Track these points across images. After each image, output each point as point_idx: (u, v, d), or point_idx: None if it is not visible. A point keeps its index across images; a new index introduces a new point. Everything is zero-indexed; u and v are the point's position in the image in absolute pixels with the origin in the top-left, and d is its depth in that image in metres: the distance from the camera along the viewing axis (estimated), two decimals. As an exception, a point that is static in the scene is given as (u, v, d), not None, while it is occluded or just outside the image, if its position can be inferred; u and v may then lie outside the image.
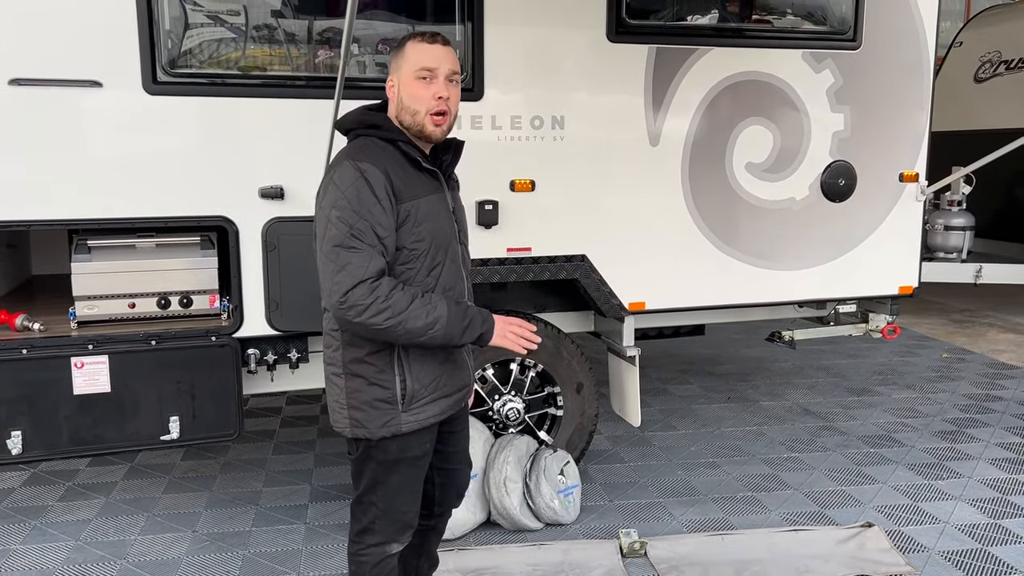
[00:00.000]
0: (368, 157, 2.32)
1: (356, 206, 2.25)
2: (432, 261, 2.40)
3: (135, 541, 3.83)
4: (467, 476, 2.85)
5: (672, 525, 4.04)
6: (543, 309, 4.49)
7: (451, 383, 2.54)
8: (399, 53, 2.42)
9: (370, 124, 2.41)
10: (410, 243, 2.35)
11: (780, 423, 5.46)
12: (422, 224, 2.37)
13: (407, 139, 2.41)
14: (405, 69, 2.39)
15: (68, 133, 3.33)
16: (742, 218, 4.32)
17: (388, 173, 2.30)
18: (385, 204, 2.28)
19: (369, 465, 2.51)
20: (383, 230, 2.28)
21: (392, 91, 2.42)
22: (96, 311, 3.59)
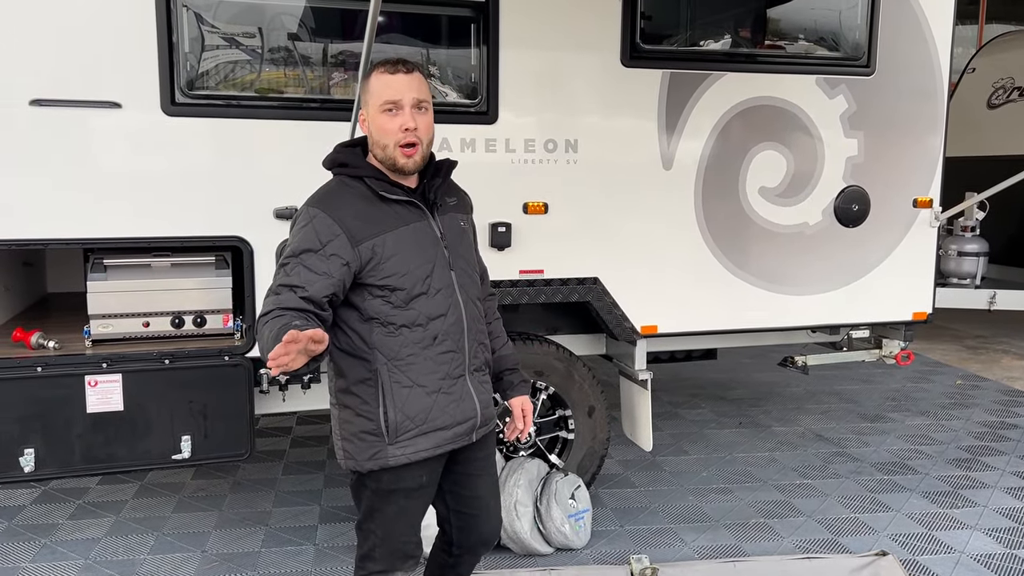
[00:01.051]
0: (323, 202, 2.33)
1: (302, 243, 2.28)
2: (410, 293, 2.34)
3: (144, 560, 3.82)
4: (492, 526, 2.69)
5: (683, 551, 4.00)
6: (555, 331, 4.48)
7: (446, 416, 2.42)
8: (365, 86, 2.39)
9: (340, 163, 2.42)
10: (379, 279, 2.31)
11: (792, 449, 5.42)
12: (390, 259, 2.31)
13: (377, 174, 2.38)
14: (372, 103, 2.36)
15: (87, 153, 3.37)
16: (755, 242, 4.31)
17: (342, 218, 2.28)
18: (329, 250, 2.25)
19: (364, 493, 2.47)
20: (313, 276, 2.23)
21: (364, 125, 2.40)
22: (111, 330, 3.61)
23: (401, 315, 2.34)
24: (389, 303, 2.33)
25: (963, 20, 12.78)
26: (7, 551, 3.88)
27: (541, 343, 4.15)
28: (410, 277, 2.34)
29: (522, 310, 4.37)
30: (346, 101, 3.58)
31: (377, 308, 2.33)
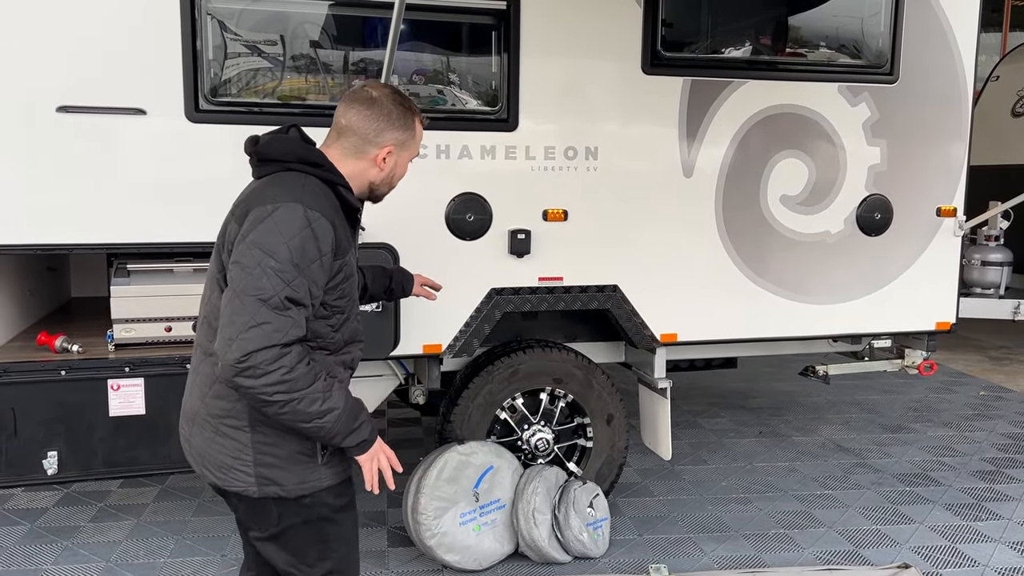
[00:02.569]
0: (317, 204, 2.09)
1: (298, 259, 2.03)
2: (347, 317, 2.26)
3: (164, 564, 3.84)
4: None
5: (702, 561, 3.97)
6: (574, 339, 4.47)
7: None
8: (411, 132, 2.31)
9: (312, 161, 2.17)
10: (333, 300, 2.18)
11: (813, 459, 5.37)
12: (347, 280, 2.22)
13: (349, 187, 2.23)
14: (411, 149, 2.34)
15: (111, 159, 3.40)
16: (776, 251, 4.29)
17: (335, 227, 2.12)
18: (326, 261, 2.09)
19: (298, 528, 2.22)
20: (317, 290, 2.08)
21: (383, 160, 2.26)
22: (133, 334, 3.64)
23: (335, 338, 2.23)
24: (330, 326, 2.20)
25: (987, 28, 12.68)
26: (30, 553, 3.91)
27: (560, 351, 4.14)
28: (351, 300, 2.27)
29: (541, 317, 4.37)
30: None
31: (319, 329, 2.17)
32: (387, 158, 2.28)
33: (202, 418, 2.22)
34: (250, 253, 2.02)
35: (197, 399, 2.24)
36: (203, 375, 2.22)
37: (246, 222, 2.07)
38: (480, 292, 3.90)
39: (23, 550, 3.94)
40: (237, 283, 2.01)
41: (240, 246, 2.04)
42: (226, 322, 2.00)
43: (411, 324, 3.81)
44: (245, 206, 2.13)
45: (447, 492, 3.72)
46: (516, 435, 4.15)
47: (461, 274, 3.86)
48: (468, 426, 4.00)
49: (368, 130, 2.24)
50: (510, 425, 4.14)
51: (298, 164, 2.17)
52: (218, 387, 2.17)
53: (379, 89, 2.29)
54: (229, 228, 2.16)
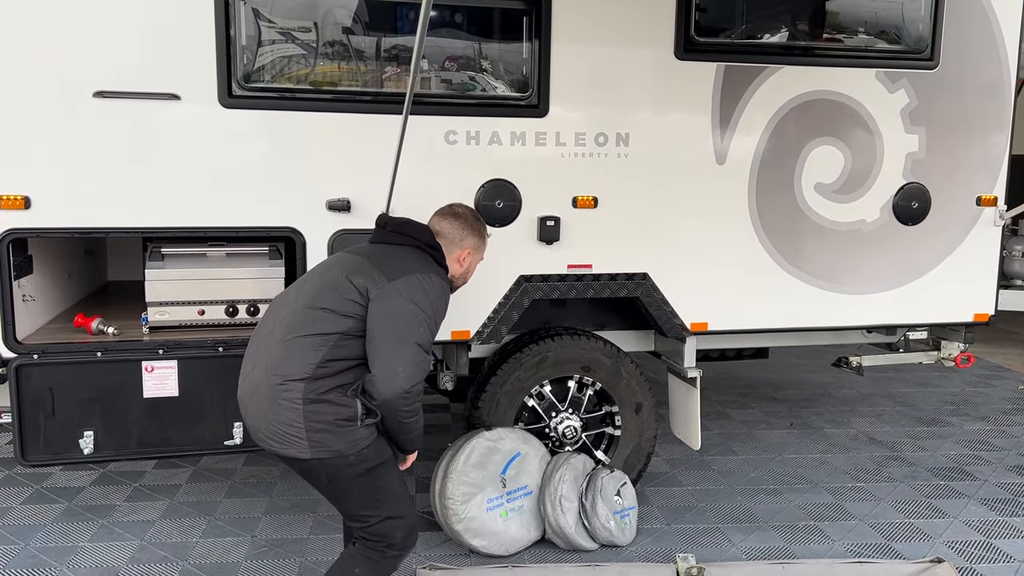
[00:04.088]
0: (445, 277, 2.92)
1: (437, 316, 2.80)
2: None
3: (196, 543, 3.90)
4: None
5: (731, 552, 3.95)
6: (603, 327, 4.46)
7: None
8: (482, 240, 3.14)
9: (436, 247, 2.96)
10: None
11: (845, 451, 5.31)
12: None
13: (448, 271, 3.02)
14: (481, 253, 3.16)
15: (146, 144, 3.45)
16: (810, 239, 4.23)
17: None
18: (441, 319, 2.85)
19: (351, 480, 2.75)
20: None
21: (461, 260, 3.07)
22: (167, 317, 3.70)
23: None
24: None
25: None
26: (67, 530, 4.00)
27: (588, 338, 4.12)
28: None
29: (570, 305, 4.36)
30: (399, 94, 3.60)
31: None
32: (466, 258, 3.08)
33: (262, 392, 2.71)
34: (408, 308, 2.70)
35: (261, 374, 2.72)
36: (273, 356, 2.71)
37: (400, 280, 2.73)
38: (509, 279, 3.89)
39: (60, 527, 4.03)
40: (398, 329, 2.67)
41: (398, 299, 2.70)
42: (392, 358, 2.65)
43: (440, 310, 3.82)
44: (390, 264, 2.79)
45: (474, 478, 3.73)
46: (544, 422, 4.14)
47: (490, 261, 3.82)
48: (496, 413, 4.00)
49: (455, 235, 3.03)
50: (538, 412, 4.14)
51: (427, 247, 2.93)
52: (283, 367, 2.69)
53: (462, 208, 3.14)
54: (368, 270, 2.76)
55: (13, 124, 3.31)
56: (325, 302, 2.74)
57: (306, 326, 2.71)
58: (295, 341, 2.70)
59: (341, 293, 2.74)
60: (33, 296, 3.70)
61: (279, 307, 2.89)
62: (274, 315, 2.87)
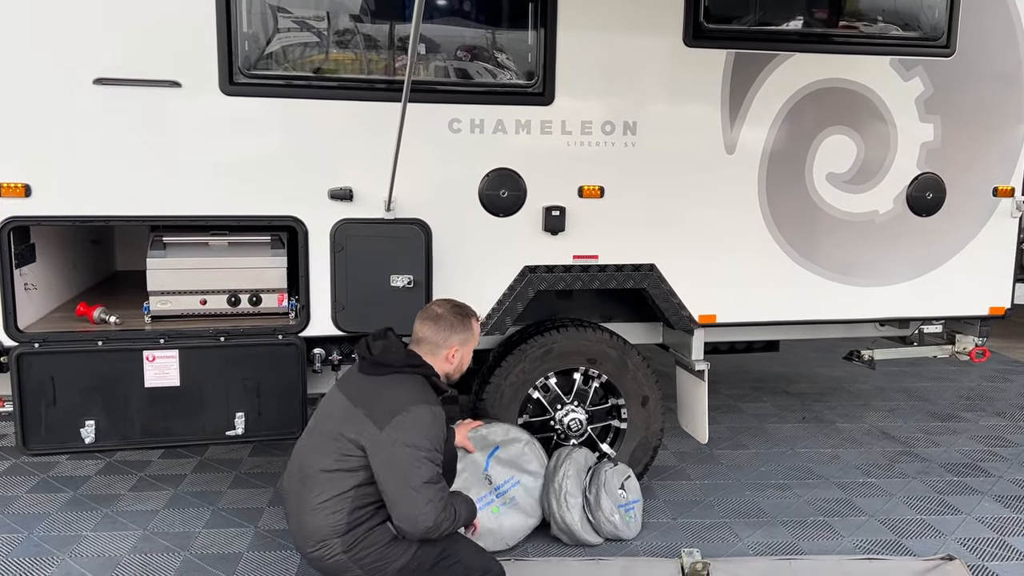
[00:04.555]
0: (431, 397, 2.95)
1: (436, 443, 2.86)
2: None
3: (199, 534, 3.89)
4: None
5: (738, 547, 3.89)
6: (610, 319, 4.40)
7: None
8: (469, 332, 3.15)
9: (415, 364, 3.01)
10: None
11: (856, 446, 5.23)
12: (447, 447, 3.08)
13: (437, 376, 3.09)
14: (471, 344, 3.18)
15: (147, 131, 3.42)
16: (822, 230, 4.15)
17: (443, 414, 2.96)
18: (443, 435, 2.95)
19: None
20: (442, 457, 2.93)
21: (450, 359, 3.10)
22: (169, 306, 3.68)
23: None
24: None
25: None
26: (71, 519, 4.00)
27: (594, 330, 4.07)
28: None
29: (576, 296, 4.31)
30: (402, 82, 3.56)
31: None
32: (455, 355, 3.12)
33: (313, 556, 2.92)
34: (404, 452, 2.78)
35: (302, 540, 2.94)
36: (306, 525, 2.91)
37: (389, 427, 2.80)
38: (513, 270, 3.85)
39: (64, 516, 4.03)
40: (403, 476, 2.77)
41: (392, 448, 2.78)
42: (407, 506, 2.77)
43: (444, 301, 3.78)
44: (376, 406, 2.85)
45: (456, 483, 3.66)
46: (549, 415, 4.10)
47: (494, 251, 3.81)
48: (500, 405, 3.96)
49: (437, 338, 3.07)
50: (543, 404, 4.09)
51: (407, 368, 2.98)
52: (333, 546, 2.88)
53: (442, 306, 3.15)
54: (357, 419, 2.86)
55: (13, 111, 3.30)
56: (330, 463, 2.87)
57: (325, 488, 2.86)
58: (320, 507, 2.85)
59: (341, 450, 2.87)
60: (35, 285, 3.69)
61: (298, 456, 3.05)
62: (296, 470, 3.03)
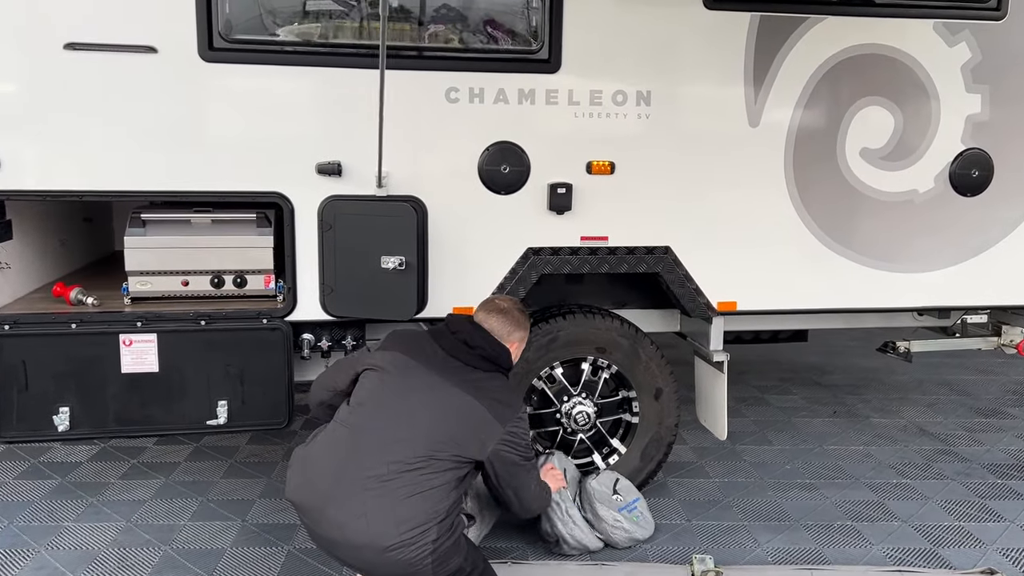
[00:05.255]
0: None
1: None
2: None
3: (184, 527, 3.71)
4: None
5: (755, 553, 3.60)
6: (624, 305, 4.12)
7: None
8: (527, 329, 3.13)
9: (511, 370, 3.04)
10: None
11: (892, 444, 4.88)
12: None
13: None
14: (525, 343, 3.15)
15: (121, 101, 3.20)
16: (855, 212, 3.81)
17: None
18: None
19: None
20: None
21: (515, 349, 3.05)
22: (149, 287, 3.48)
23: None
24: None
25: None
26: (55, 508, 3.84)
27: (604, 317, 3.79)
28: None
29: (588, 281, 4.03)
30: (392, 47, 3.30)
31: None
32: (515, 351, 3.04)
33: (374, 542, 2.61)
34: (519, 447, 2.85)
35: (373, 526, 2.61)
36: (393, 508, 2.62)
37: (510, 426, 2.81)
38: (515, 252, 3.57)
39: (48, 505, 3.87)
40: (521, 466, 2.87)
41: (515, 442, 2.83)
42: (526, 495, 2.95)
43: (440, 284, 3.53)
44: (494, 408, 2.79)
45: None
46: (554, 407, 3.83)
47: (495, 232, 3.54)
48: (502, 395, 3.70)
49: (503, 332, 3.00)
50: (548, 396, 3.83)
51: (507, 371, 3.00)
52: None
53: (505, 301, 3.12)
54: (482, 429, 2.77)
55: (-22, 79, 3.10)
56: (442, 448, 2.70)
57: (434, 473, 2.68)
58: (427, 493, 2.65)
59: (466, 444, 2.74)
60: (9, 264, 3.52)
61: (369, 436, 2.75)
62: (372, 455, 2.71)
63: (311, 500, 2.70)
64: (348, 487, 2.65)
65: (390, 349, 2.94)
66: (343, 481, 2.66)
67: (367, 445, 2.71)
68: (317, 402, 3.05)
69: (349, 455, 2.70)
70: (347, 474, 2.67)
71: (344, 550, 2.67)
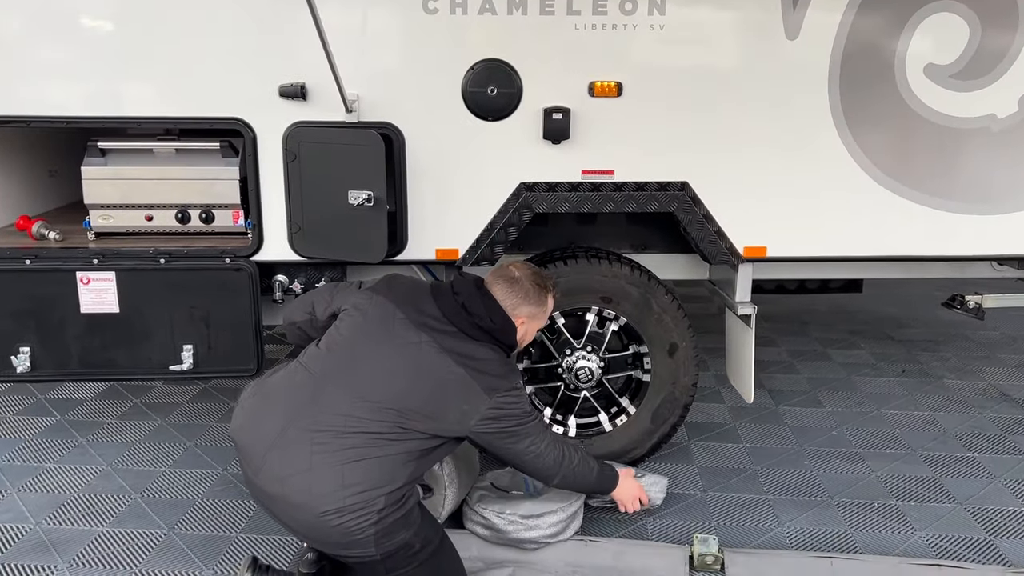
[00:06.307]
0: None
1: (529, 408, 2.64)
2: None
3: (162, 474, 3.55)
4: None
5: (773, 534, 3.16)
6: (643, 248, 3.66)
7: None
8: (543, 307, 2.74)
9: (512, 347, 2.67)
10: None
11: (963, 410, 4.28)
12: None
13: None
14: (539, 321, 2.77)
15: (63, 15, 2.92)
16: (916, 141, 3.22)
17: None
18: None
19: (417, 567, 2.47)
20: None
21: (522, 326, 2.68)
22: (112, 222, 3.26)
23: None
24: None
25: None
26: (42, 448, 3.75)
27: (611, 263, 3.34)
28: None
29: (601, 221, 3.59)
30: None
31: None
32: (520, 327, 2.67)
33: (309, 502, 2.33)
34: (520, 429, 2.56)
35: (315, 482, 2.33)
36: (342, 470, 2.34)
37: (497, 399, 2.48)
38: (506, 188, 3.16)
39: (37, 444, 3.79)
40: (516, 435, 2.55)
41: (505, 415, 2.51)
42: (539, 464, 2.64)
43: (422, 224, 3.17)
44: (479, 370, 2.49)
45: None
46: (555, 361, 3.45)
47: (482, 164, 3.14)
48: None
49: (507, 303, 2.64)
50: (547, 350, 3.44)
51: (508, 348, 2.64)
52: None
53: (520, 269, 2.73)
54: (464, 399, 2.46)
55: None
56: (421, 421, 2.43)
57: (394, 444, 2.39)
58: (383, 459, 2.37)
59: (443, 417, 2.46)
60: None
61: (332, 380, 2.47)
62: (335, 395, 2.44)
63: (254, 444, 2.43)
64: (296, 437, 2.37)
65: (380, 294, 2.61)
66: (292, 430, 2.38)
67: (328, 397, 2.42)
68: (290, 321, 2.80)
69: (305, 403, 2.42)
70: (299, 423, 2.39)
71: (280, 507, 2.40)
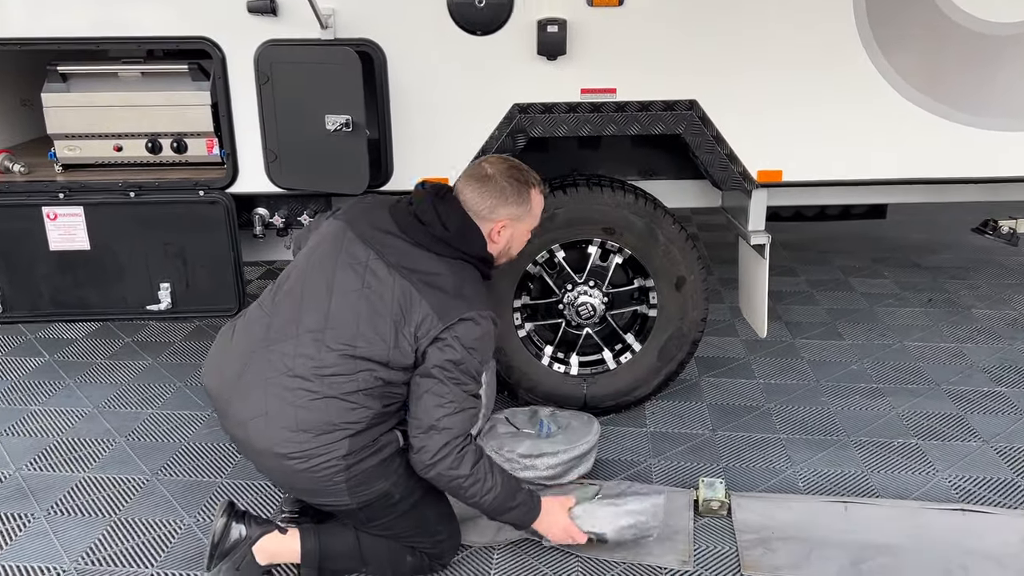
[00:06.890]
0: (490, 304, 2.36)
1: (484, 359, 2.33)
2: None
3: (147, 417, 3.43)
4: None
5: (784, 476, 2.99)
6: (652, 174, 3.41)
7: None
8: (526, 205, 2.43)
9: (487, 260, 2.43)
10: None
11: (992, 341, 4.05)
12: None
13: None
14: (528, 221, 2.48)
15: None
16: (948, 51, 2.92)
17: None
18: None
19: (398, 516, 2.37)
20: None
21: (498, 234, 2.42)
22: (79, 153, 3.07)
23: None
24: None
25: None
26: (27, 390, 3.64)
27: (613, 191, 3.10)
28: None
29: (605, 145, 3.34)
30: None
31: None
32: (501, 232, 2.42)
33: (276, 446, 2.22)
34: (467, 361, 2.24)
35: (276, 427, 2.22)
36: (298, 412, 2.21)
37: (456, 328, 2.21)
38: (498, 110, 2.91)
39: (22, 386, 3.68)
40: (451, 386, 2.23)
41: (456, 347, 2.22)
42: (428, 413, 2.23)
43: (407, 152, 2.94)
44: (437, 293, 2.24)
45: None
46: (555, 296, 3.25)
47: (471, 84, 2.88)
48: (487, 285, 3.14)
49: (481, 207, 2.38)
50: (547, 285, 3.24)
51: (478, 262, 2.39)
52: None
53: (494, 165, 2.43)
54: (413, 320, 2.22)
55: None
56: (370, 351, 2.22)
57: (347, 380, 2.22)
58: (337, 400, 2.20)
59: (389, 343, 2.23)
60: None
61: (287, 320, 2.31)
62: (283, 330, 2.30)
63: (219, 389, 2.36)
64: (252, 380, 2.26)
65: (337, 218, 2.45)
66: (247, 373, 2.28)
67: (277, 334, 2.29)
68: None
69: (258, 344, 2.30)
70: (254, 365, 2.27)
71: (249, 453, 2.34)
